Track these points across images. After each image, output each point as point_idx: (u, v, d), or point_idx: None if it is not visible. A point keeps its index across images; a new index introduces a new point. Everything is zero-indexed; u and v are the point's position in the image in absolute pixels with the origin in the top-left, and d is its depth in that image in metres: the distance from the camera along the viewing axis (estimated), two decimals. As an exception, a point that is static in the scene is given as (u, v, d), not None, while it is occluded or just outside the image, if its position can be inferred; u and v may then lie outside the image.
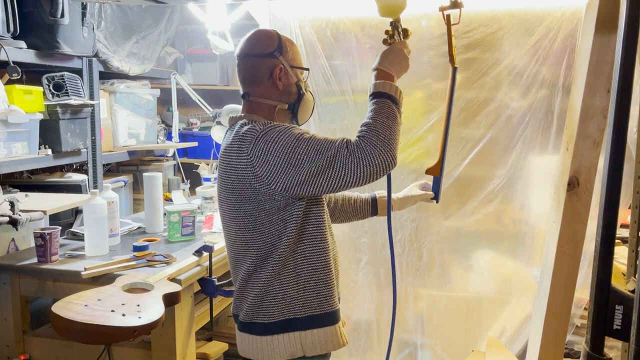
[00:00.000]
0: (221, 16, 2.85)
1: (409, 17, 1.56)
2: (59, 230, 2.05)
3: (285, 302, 1.52)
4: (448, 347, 2.54)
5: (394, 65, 1.56)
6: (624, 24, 1.08)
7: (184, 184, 3.43)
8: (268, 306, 1.52)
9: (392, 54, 1.58)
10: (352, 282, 2.60)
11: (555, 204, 1.72)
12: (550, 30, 2.25)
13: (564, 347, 1.75)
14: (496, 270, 2.49)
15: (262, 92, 1.59)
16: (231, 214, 1.55)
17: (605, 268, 1.12)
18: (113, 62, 3.03)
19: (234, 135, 1.52)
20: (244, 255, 1.55)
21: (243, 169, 1.47)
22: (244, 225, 1.52)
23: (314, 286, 1.53)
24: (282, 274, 1.51)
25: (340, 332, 1.58)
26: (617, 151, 1.10)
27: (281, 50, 1.59)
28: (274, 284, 1.51)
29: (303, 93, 1.62)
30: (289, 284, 1.52)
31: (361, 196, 1.92)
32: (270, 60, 1.58)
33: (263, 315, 1.53)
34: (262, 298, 1.52)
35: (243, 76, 1.62)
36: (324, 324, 1.54)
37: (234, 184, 1.50)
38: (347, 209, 1.89)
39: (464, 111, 2.40)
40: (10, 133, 2.41)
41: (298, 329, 1.52)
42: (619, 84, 1.09)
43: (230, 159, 1.50)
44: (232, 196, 1.52)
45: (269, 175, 1.43)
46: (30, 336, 2.04)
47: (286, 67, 1.59)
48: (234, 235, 1.57)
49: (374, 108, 1.46)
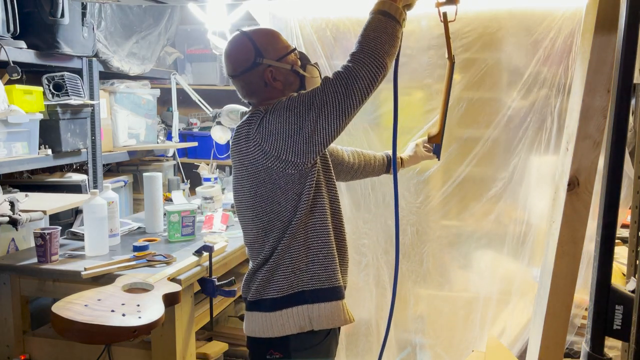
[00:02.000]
0: (221, 16, 2.85)
1: (409, 16, 1.56)
2: (59, 230, 2.05)
3: (294, 275, 1.54)
4: (448, 347, 2.54)
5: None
6: (624, 24, 1.08)
7: (184, 184, 3.43)
8: (278, 280, 1.54)
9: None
10: (352, 284, 2.60)
11: (555, 204, 1.72)
12: (551, 30, 2.25)
13: (564, 347, 1.75)
14: (496, 271, 2.48)
15: (265, 98, 1.60)
16: (248, 201, 1.56)
17: (605, 268, 1.12)
18: (113, 62, 3.03)
19: (242, 122, 1.55)
20: (262, 242, 1.57)
21: (253, 152, 1.49)
22: (262, 210, 1.54)
23: (322, 259, 1.55)
24: (292, 246, 1.53)
25: (346, 309, 1.60)
26: (617, 151, 1.09)
27: (261, 53, 1.57)
28: (284, 257, 1.53)
29: (303, 74, 1.62)
30: (298, 257, 1.54)
31: (376, 155, 2.03)
32: (257, 69, 1.58)
33: (272, 290, 1.55)
34: (272, 273, 1.54)
35: (241, 93, 1.65)
36: (330, 298, 1.56)
37: (248, 169, 1.52)
38: (367, 169, 1.99)
39: (464, 111, 2.40)
40: (10, 133, 2.41)
41: (306, 301, 1.54)
42: (619, 84, 1.09)
43: (241, 146, 1.53)
44: (248, 183, 1.54)
45: (277, 147, 1.46)
46: (30, 336, 2.04)
47: (274, 65, 1.58)
48: (251, 225, 1.59)
49: (366, 25, 1.46)
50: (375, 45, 1.41)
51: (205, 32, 2.97)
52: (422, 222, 2.50)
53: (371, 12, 1.48)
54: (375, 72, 1.41)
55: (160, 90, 3.63)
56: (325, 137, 1.46)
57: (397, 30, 1.45)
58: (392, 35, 1.43)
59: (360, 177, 2.03)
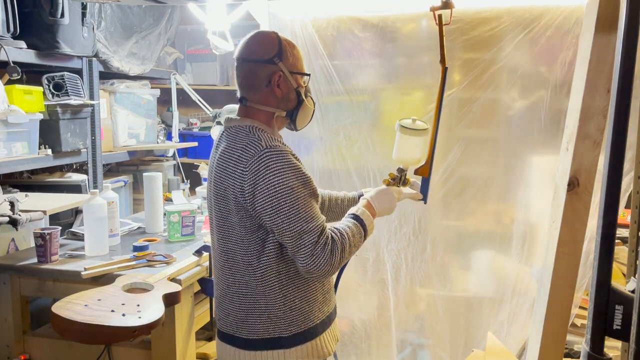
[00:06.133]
0: (221, 16, 2.85)
1: (409, 16, 1.57)
2: (59, 230, 2.05)
3: (270, 321, 1.50)
4: (448, 347, 2.53)
5: (381, 206, 1.68)
6: (624, 24, 1.08)
7: (184, 184, 3.43)
8: (253, 323, 1.51)
9: (385, 196, 1.69)
10: (353, 283, 2.60)
11: (555, 204, 1.72)
12: (550, 29, 2.25)
13: (564, 347, 1.75)
14: (496, 270, 2.48)
15: (259, 99, 1.56)
16: (217, 220, 1.54)
17: (605, 268, 1.12)
18: (113, 62, 3.03)
19: (238, 141, 1.49)
20: (223, 265, 1.55)
21: (235, 179, 1.45)
22: (226, 236, 1.52)
23: (300, 304, 1.52)
24: (268, 294, 1.49)
25: (326, 341, 1.57)
26: (617, 151, 1.09)
27: (281, 55, 1.55)
28: (260, 302, 1.50)
29: (302, 99, 1.59)
30: (275, 304, 1.50)
31: (348, 195, 1.91)
32: (270, 66, 1.54)
33: (247, 331, 1.52)
34: (246, 314, 1.51)
35: (241, 81, 1.59)
36: (308, 338, 1.53)
37: (227, 191, 1.48)
38: (335, 209, 1.88)
39: (464, 111, 2.40)
40: (10, 133, 2.41)
41: (283, 347, 1.51)
42: (619, 84, 1.09)
43: (227, 165, 1.48)
44: (222, 203, 1.51)
45: (253, 196, 1.42)
46: (30, 336, 2.04)
47: (285, 74, 1.55)
48: (217, 243, 1.57)
49: (354, 230, 1.54)
50: (345, 259, 1.52)
51: (205, 32, 2.97)
52: (422, 222, 2.50)
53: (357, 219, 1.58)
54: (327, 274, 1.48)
55: (160, 90, 3.63)
56: (279, 239, 1.47)
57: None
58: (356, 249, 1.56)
59: (329, 218, 1.87)
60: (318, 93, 2.54)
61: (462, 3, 1.68)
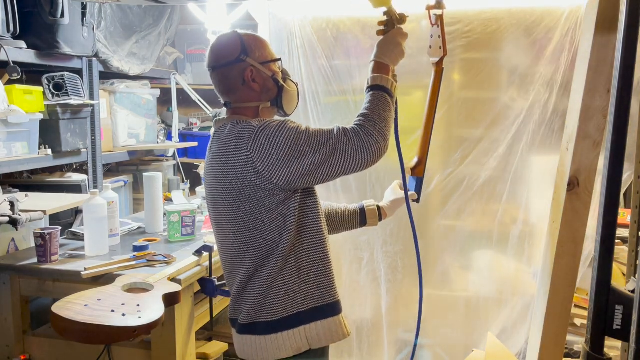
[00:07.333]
0: (221, 16, 2.85)
1: (409, 16, 1.57)
2: (59, 230, 2.05)
3: (288, 297, 1.52)
4: (448, 347, 2.54)
5: (389, 56, 1.60)
6: (624, 24, 1.08)
7: (184, 184, 3.43)
8: (271, 304, 1.52)
9: (386, 44, 1.62)
10: (353, 282, 2.60)
11: (555, 204, 1.72)
12: (550, 29, 2.25)
13: (564, 347, 1.75)
14: (496, 270, 2.48)
15: (241, 98, 1.59)
16: (229, 215, 1.54)
17: (605, 268, 1.12)
18: (113, 62, 3.03)
19: (228, 134, 1.51)
20: (243, 257, 1.55)
21: (242, 166, 1.47)
22: (244, 225, 1.52)
23: (315, 278, 1.54)
24: (284, 269, 1.52)
25: (344, 323, 1.59)
26: (617, 151, 1.10)
27: (247, 51, 1.57)
28: (277, 280, 1.52)
29: (282, 85, 1.61)
30: (291, 279, 1.52)
31: (348, 207, 1.92)
32: (239, 65, 1.57)
33: (267, 314, 1.53)
34: (264, 296, 1.52)
35: (218, 88, 1.63)
36: (327, 314, 1.55)
37: (233, 183, 1.50)
38: (335, 220, 1.88)
39: (464, 111, 2.40)
40: (10, 133, 2.41)
41: (303, 322, 1.53)
42: (619, 84, 1.09)
43: (227, 158, 1.50)
44: (231, 196, 1.51)
45: (270, 169, 1.45)
46: (30, 336, 2.04)
47: (256, 67, 1.57)
48: (232, 238, 1.56)
49: (371, 100, 1.53)
50: (386, 126, 1.50)
51: (205, 32, 2.97)
52: (422, 222, 2.50)
53: (373, 88, 1.54)
54: (380, 154, 1.49)
55: (160, 90, 3.63)
56: (319, 178, 1.47)
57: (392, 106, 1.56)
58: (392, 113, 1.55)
59: (329, 230, 1.83)
60: (316, 94, 2.54)
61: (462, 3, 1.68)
